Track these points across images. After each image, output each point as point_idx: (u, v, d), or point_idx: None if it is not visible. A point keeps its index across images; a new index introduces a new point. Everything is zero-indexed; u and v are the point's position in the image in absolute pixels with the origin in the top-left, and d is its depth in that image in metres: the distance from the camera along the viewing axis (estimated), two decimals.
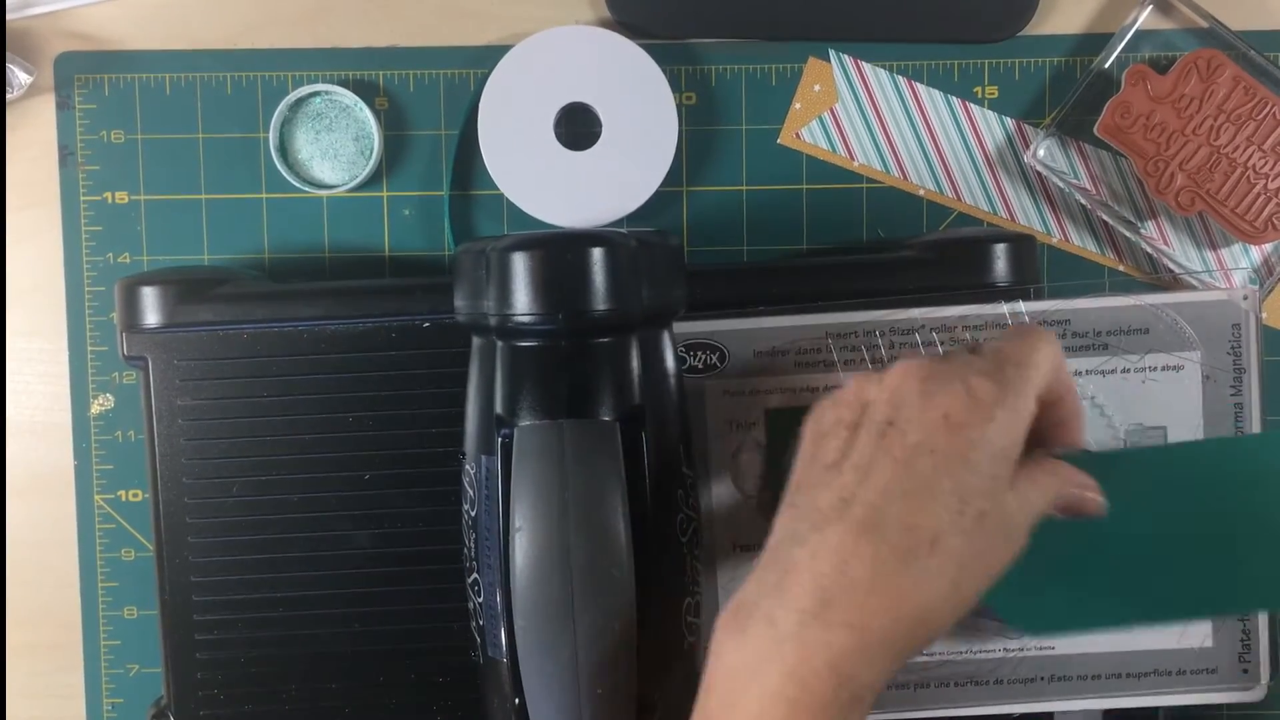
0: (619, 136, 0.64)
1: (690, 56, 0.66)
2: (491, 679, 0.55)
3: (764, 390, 0.60)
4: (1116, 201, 0.66)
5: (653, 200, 0.64)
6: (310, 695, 0.60)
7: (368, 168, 0.65)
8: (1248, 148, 0.63)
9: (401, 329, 0.60)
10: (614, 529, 0.51)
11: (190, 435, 0.60)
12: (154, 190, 0.66)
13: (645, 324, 0.55)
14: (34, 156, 0.66)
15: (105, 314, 0.66)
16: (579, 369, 0.54)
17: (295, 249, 0.66)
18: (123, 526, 0.67)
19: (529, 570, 0.51)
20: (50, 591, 0.67)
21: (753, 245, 0.66)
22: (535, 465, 0.52)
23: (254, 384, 0.60)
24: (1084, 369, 0.59)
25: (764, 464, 0.60)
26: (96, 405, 0.66)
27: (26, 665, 0.67)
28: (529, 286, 0.53)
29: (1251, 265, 0.66)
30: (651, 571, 0.53)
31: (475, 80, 0.66)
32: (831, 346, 0.59)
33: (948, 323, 0.59)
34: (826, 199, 0.66)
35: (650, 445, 0.54)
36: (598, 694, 0.51)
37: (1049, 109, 0.66)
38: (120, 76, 0.66)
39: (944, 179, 0.66)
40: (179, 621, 0.60)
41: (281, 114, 0.65)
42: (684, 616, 0.55)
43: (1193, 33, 0.65)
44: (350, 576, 0.60)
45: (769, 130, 0.66)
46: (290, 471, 0.60)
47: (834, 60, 0.66)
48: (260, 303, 0.60)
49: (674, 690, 0.55)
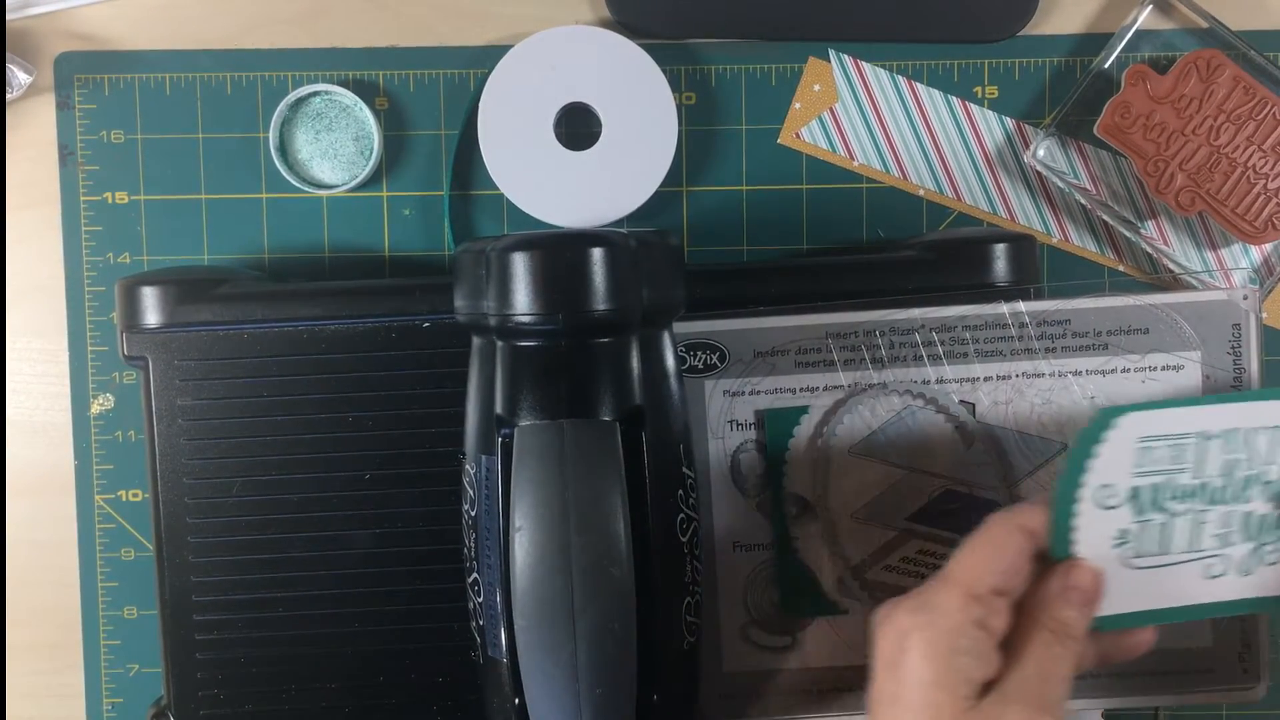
0: (619, 136, 0.64)
1: (690, 56, 0.66)
2: (491, 679, 0.55)
3: (764, 390, 0.60)
4: (1116, 201, 0.66)
5: (653, 200, 0.64)
6: (310, 695, 0.60)
7: (368, 168, 0.65)
8: (1248, 148, 0.63)
9: (401, 329, 0.60)
10: (614, 529, 0.51)
11: (190, 435, 0.60)
12: (154, 190, 0.66)
13: (645, 324, 0.55)
14: (34, 156, 0.66)
15: (105, 314, 0.66)
16: (579, 369, 0.54)
17: (295, 249, 0.66)
18: (123, 526, 0.67)
19: (529, 570, 0.51)
20: (50, 591, 0.67)
21: (753, 245, 0.66)
22: (535, 465, 0.52)
23: (254, 384, 0.60)
24: (1084, 369, 0.59)
25: (764, 464, 0.60)
26: (96, 405, 0.66)
27: (26, 665, 0.67)
28: (529, 286, 0.53)
29: (1251, 265, 0.66)
30: (651, 571, 0.53)
31: (475, 80, 0.66)
32: (831, 346, 0.59)
33: (948, 323, 0.59)
34: (826, 199, 0.66)
35: (650, 445, 0.54)
36: (598, 694, 0.51)
37: (1049, 109, 0.66)
38: (120, 76, 0.66)
39: (944, 179, 0.66)
40: (179, 621, 0.60)
41: (281, 114, 0.65)
42: (684, 616, 0.55)
43: (1193, 33, 0.65)
44: (350, 576, 0.60)
45: (769, 130, 0.66)
46: (290, 471, 0.60)
47: (834, 60, 0.66)
48: (260, 303, 0.60)
49: (674, 690, 0.55)
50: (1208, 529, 0.51)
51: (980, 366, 0.59)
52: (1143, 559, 0.51)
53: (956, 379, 0.59)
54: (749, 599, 0.61)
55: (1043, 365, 0.59)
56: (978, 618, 0.48)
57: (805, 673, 0.61)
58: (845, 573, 0.60)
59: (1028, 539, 0.49)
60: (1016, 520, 0.50)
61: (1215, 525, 0.51)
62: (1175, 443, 0.50)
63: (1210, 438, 0.50)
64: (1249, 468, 0.51)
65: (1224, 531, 0.51)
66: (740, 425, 0.60)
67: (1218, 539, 0.51)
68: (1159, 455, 0.50)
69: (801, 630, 0.61)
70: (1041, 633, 0.48)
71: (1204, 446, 0.50)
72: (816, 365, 0.59)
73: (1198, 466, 0.50)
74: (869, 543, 0.60)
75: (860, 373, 0.59)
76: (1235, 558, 0.51)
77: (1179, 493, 0.50)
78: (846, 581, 0.60)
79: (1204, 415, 0.50)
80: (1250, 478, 0.51)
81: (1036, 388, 0.59)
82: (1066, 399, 0.59)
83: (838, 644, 0.60)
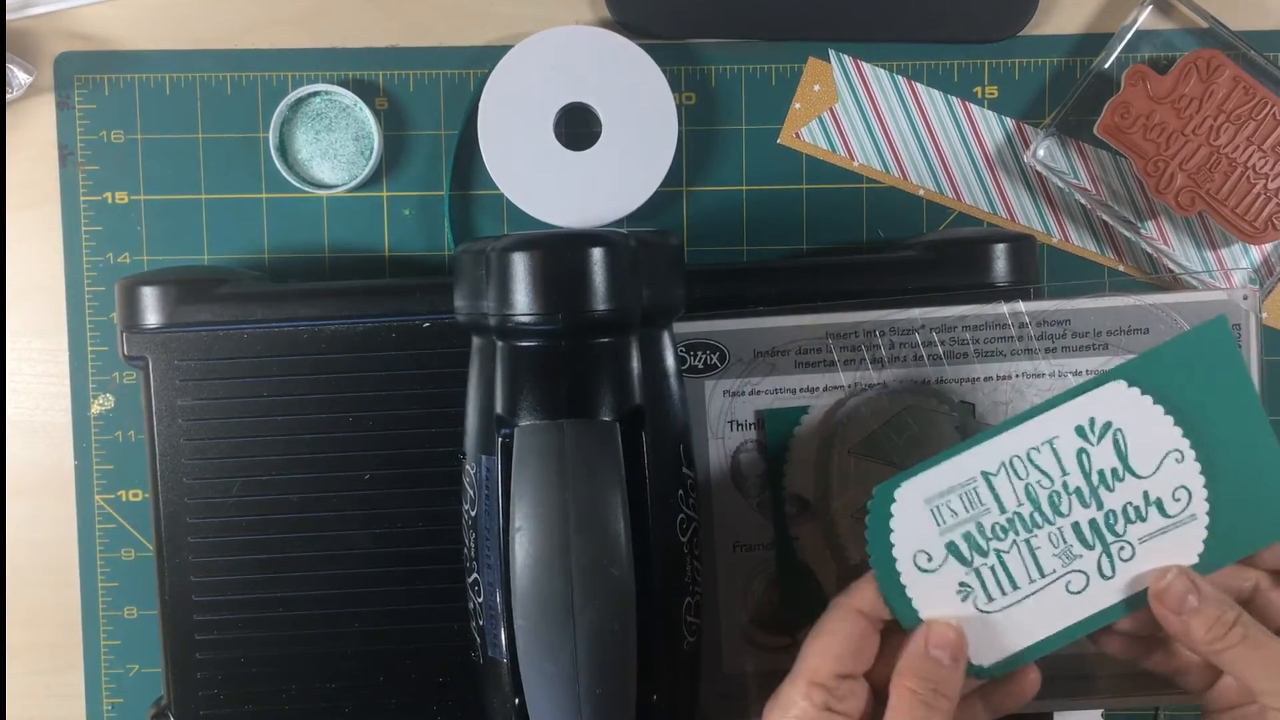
0: (619, 136, 0.64)
1: (690, 56, 0.66)
2: (491, 679, 0.55)
3: (764, 390, 0.60)
4: (1116, 201, 0.66)
5: (653, 200, 0.64)
6: (310, 695, 0.60)
7: (367, 168, 0.65)
8: (1248, 148, 0.63)
9: (401, 329, 0.60)
10: (614, 529, 0.51)
11: (190, 435, 0.60)
12: (154, 190, 0.66)
13: (645, 324, 0.55)
14: (34, 156, 0.66)
15: (105, 314, 0.66)
16: (579, 369, 0.54)
17: (295, 249, 0.66)
18: (123, 526, 0.67)
19: (529, 570, 0.51)
20: (50, 591, 0.67)
21: (753, 245, 0.66)
22: (535, 465, 0.52)
23: (254, 384, 0.60)
24: (1084, 369, 0.59)
25: (764, 464, 0.60)
26: (96, 405, 0.66)
27: (26, 665, 0.67)
28: (529, 286, 0.53)
29: (1251, 265, 0.66)
30: (651, 571, 0.53)
31: (475, 80, 0.66)
32: (831, 346, 0.59)
33: (948, 323, 0.59)
34: (826, 199, 0.66)
35: (650, 445, 0.54)
36: (598, 694, 0.51)
37: (1049, 109, 0.66)
38: (120, 76, 0.66)
39: (944, 179, 0.66)
40: (179, 621, 0.60)
41: (281, 114, 0.65)
42: (684, 616, 0.55)
43: (1192, 33, 0.65)
44: (350, 576, 0.60)
45: (769, 130, 0.66)
46: (290, 471, 0.60)
47: (834, 60, 0.66)
48: (260, 303, 0.60)
49: (674, 690, 0.55)
50: (1044, 552, 0.50)
51: (980, 366, 0.59)
52: (995, 602, 0.51)
53: (956, 379, 0.59)
54: (749, 599, 0.61)
55: (1043, 365, 0.59)
56: (824, 703, 0.49)
57: None
58: (845, 573, 0.60)
59: (864, 619, 0.50)
60: (850, 604, 0.51)
61: (1049, 546, 0.50)
62: (963, 491, 0.50)
63: (993, 474, 0.50)
64: (1049, 484, 0.50)
65: (1061, 548, 0.51)
66: (740, 425, 0.60)
67: (1059, 557, 0.51)
68: (955, 507, 0.50)
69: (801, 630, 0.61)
70: (912, 698, 0.49)
71: (993, 483, 0.50)
72: (816, 365, 0.59)
73: (998, 503, 0.50)
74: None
75: (860, 373, 0.59)
76: (1089, 567, 0.51)
77: (994, 532, 0.50)
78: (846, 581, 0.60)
79: (976, 457, 0.50)
80: (1054, 493, 0.50)
81: (1036, 388, 0.59)
82: None
83: None
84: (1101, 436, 0.50)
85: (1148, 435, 0.50)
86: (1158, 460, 0.50)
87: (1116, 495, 0.50)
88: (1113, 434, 0.50)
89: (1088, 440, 0.50)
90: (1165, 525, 0.50)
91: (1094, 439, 0.50)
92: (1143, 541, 0.50)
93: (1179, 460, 0.50)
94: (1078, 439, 0.50)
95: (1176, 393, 0.50)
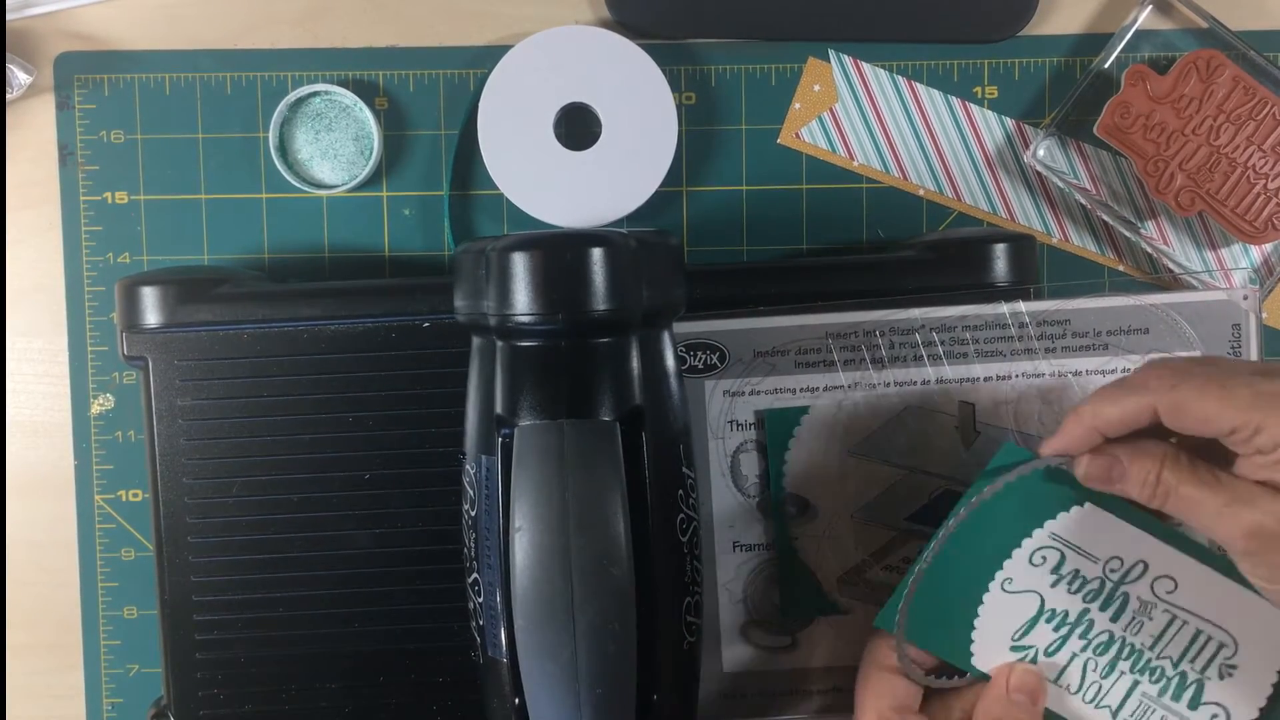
0: (619, 136, 0.64)
1: (690, 56, 0.66)
2: (491, 679, 0.55)
3: (764, 390, 0.60)
4: (1116, 201, 0.66)
5: (653, 200, 0.64)
6: (310, 695, 0.60)
7: (367, 168, 0.65)
8: (1247, 148, 0.63)
9: (401, 329, 0.60)
10: (614, 529, 0.51)
11: (190, 435, 0.60)
12: (154, 190, 0.66)
13: (645, 324, 0.55)
14: (34, 156, 0.66)
15: (105, 314, 0.66)
16: (579, 369, 0.54)
17: (295, 249, 0.66)
18: (123, 526, 0.67)
19: (529, 570, 0.51)
20: (50, 591, 0.67)
21: (753, 245, 0.66)
22: (535, 465, 0.52)
23: (254, 384, 0.60)
24: (1084, 369, 0.59)
25: (764, 464, 0.60)
26: (96, 405, 0.66)
27: (26, 665, 0.67)
28: (529, 286, 0.53)
29: (1251, 265, 0.66)
30: (651, 571, 0.53)
31: (475, 80, 0.66)
32: (831, 346, 0.59)
33: (948, 322, 0.59)
34: (826, 199, 0.66)
35: (650, 445, 0.54)
36: (598, 694, 0.51)
37: (1049, 109, 0.66)
38: (120, 76, 0.66)
39: (944, 179, 0.66)
40: (179, 621, 0.60)
41: (281, 114, 0.65)
42: (684, 616, 0.55)
43: (1192, 33, 0.65)
44: (350, 576, 0.60)
45: (769, 130, 0.66)
46: (290, 471, 0.60)
47: (834, 60, 0.66)
48: (260, 303, 0.60)
49: (674, 690, 0.55)
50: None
51: (980, 366, 0.59)
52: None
53: (956, 379, 0.59)
54: (749, 599, 0.61)
55: (1043, 365, 0.59)
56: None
57: (805, 673, 0.61)
58: (845, 573, 0.60)
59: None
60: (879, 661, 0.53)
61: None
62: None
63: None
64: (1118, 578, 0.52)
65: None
66: (740, 425, 0.60)
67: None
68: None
69: (801, 630, 0.61)
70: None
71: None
72: (816, 365, 0.59)
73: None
74: (869, 543, 0.60)
75: (860, 373, 0.59)
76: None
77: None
78: (846, 581, 0.60)
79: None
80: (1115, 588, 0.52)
81: (1036, 388, 0.59)
82: (1066, 399, 0.59)
83: (838, 644, 0.60)
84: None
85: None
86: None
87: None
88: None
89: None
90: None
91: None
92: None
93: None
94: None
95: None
